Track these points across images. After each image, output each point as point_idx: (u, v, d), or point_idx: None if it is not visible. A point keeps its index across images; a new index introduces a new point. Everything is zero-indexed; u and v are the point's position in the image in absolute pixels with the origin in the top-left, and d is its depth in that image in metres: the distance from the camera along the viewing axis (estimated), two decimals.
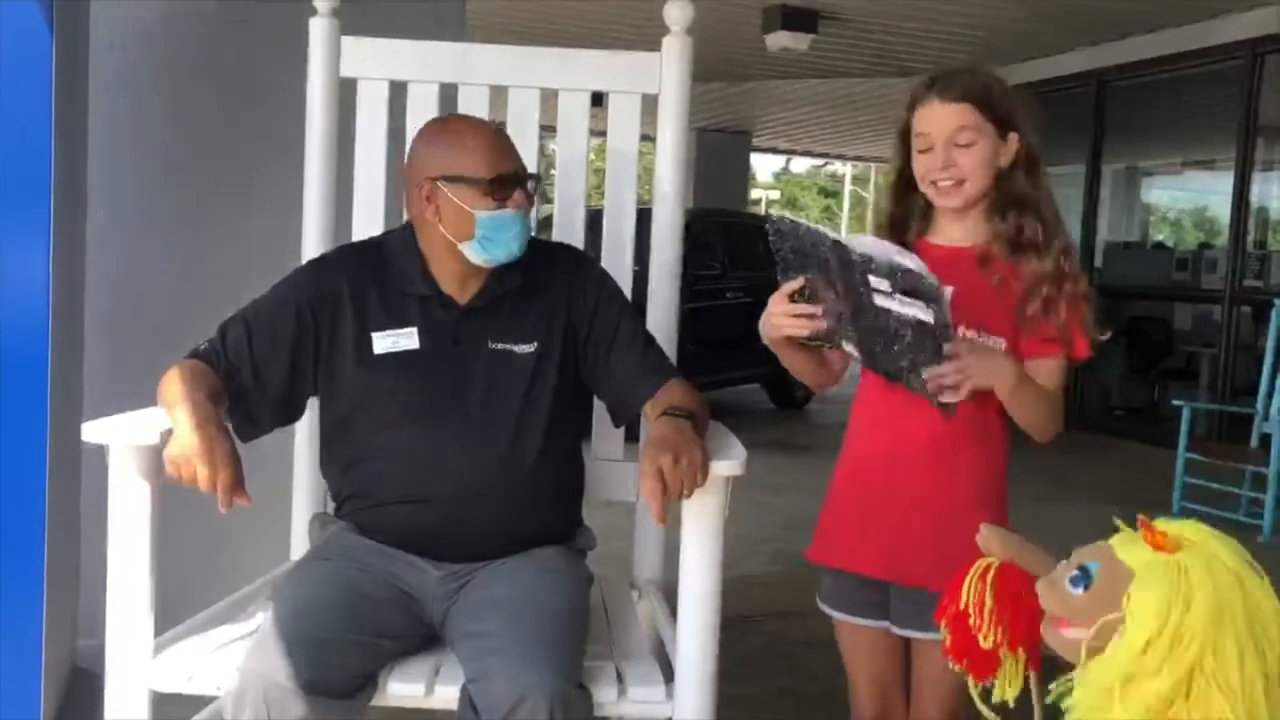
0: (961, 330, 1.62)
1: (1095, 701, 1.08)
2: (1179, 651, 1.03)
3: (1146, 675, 1.03)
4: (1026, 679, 1.29)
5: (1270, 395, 4.87)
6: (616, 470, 2.14)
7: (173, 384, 1.64)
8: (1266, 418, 4.85)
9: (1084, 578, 1.13)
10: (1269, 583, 1.08)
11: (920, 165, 1.69)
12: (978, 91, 1.64)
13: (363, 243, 1.95)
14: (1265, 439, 4.79)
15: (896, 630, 1.75)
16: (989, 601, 1.26)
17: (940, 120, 1.65)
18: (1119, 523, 1.15)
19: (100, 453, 1.59)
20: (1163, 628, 1.03)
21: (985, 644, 1.26)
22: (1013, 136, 1.66)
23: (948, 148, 1.65)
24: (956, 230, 1.73)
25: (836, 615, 1.82)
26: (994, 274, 1.68)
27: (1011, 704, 1.31)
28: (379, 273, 1.81)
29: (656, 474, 1.51)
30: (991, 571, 1.27)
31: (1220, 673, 1.03)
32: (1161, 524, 1.12)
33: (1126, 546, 1.12)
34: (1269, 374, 4.90)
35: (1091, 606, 1.12)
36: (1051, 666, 1.30)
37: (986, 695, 1.33)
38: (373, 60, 2.14)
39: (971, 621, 1.27)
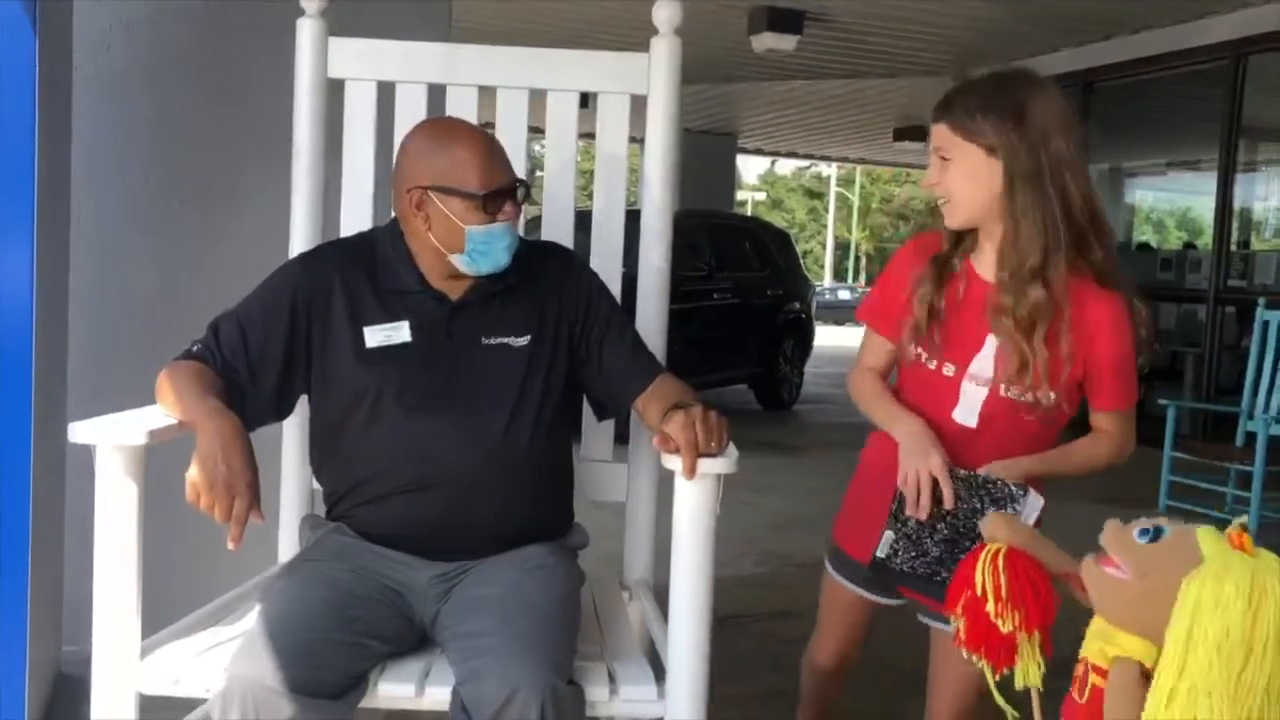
0: (1003, 389, 1.62)
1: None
2: (1257, 655, 1.04)
3: (1229, 669, 1.04)
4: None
5: (1254, 394, 4.90)
6: (606, 471, 2.14)
7: (182, 389, 1.63)
8: (1251, 416, 4.88)
9: (1154, 532, 1.15)
10: None
11: None
12: (955, 112, 1.62)
13: (352, 238, 1.94)
14: (1249, 437, 4.81)
15: (921, 618, 1.78)
16: (1004, 586, 1.26)
17: (932, 138, 1.67)
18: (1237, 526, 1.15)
19: (83, 455, 1.58)
20: (1241, 628, 1.04)
21: (1004, 628, 1.26)
22: (996, 159, 1.61)
23: (935, 165, 1.66)
24: (984, 259, 1.69)
25: (838, 579, 1.85)
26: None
27: (1040, 689, 1.31)
28: (369, 268, 1.80)
29: (690, 426, 1.55)
30: (1001, 557, 1.28)
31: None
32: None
33: (1209, 536, 1.13)
34: (1253, 373, 4.93)
35: (1146, 559, 1.14)
36: (1066, 666, 1.30)
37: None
38: (360, 61, 2.13)
39: (989, 607, 1.26)
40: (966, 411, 1.67)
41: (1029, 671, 1.30)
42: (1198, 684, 1.04)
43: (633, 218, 2.14)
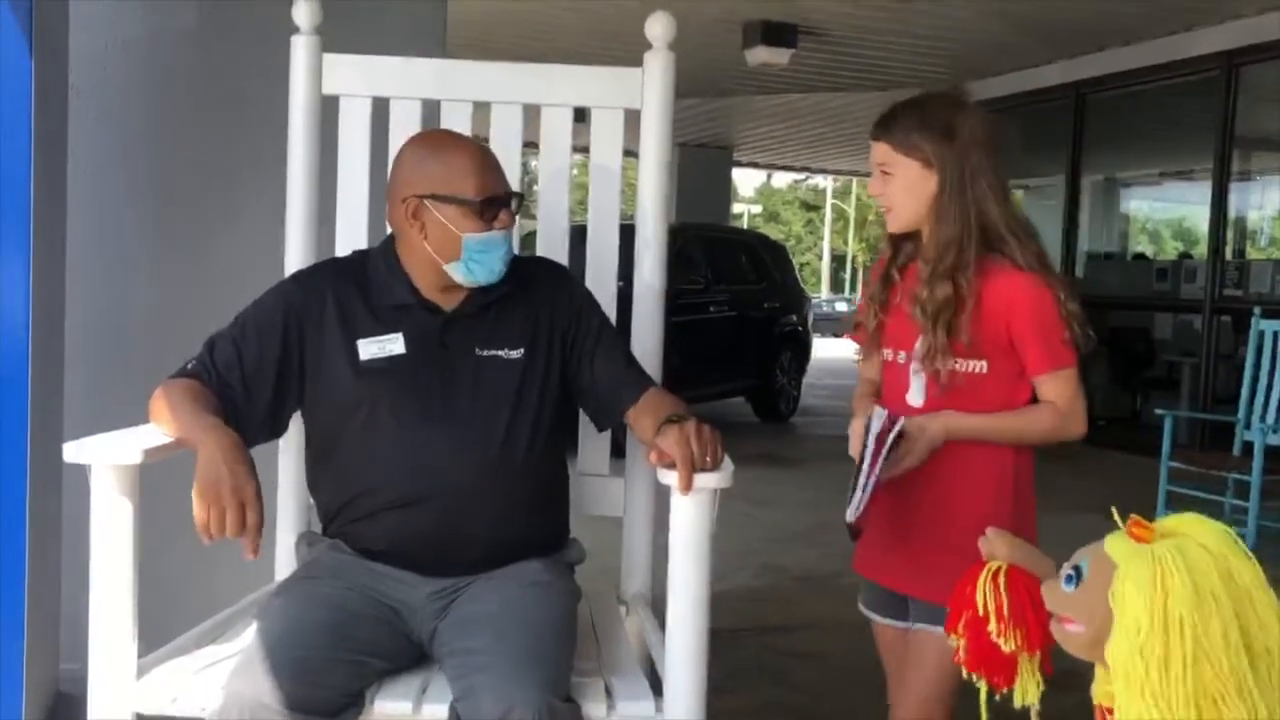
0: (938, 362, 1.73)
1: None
2: (1174, 637, 1.05)
3: (1152, 663, 1.05)
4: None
5: (1251, 403, 4.91)
6: (603, 485, 2.14)
7: (178, 407, 1.63)
8: (1248, 426, 4.88)
9: (1076, 575, 1.16)
10: (1257, 567, 1.10)
11: None
12: (894, 131, 1.76)
13: (345, 256, 1.96)
14: (1247, 446, 4.82)
15: (913, 625, 1.80)
16: (1006, 605, 1.27)
17: (872, 154, 1.80)
18: (1116, 518, 1.17)
19: (80, 474, 1.58)
20: (1150, 618, 1.05)
21: (1006, 648, 1.27)
22: (931, 171, 1.73)
23: (878, 178, 1.79)
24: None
25: (870, 615, 1.90)
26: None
27: (1037, 706, 1.32)
28: (362, 284, 1.81)
29: (685, 441, 1.57)
30: (1002, 575, 1.28)
31: (1211, 652, 1.05)
32: (1162, 520, 1.14)
33: (1115, 542, 1.15)
34: (1249, 382, 4.93)
35: (1082, 602, 1.15)
36: (1064, 679, 1.30)
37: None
38: (355, 77, 2.14)
39: (991, 627, 1.27)
40: (915, 391, 1.78)
41: (1028, 690, 1.30)
42: (1130, 689, 1.05)
43: (628, 231, 2.15)
